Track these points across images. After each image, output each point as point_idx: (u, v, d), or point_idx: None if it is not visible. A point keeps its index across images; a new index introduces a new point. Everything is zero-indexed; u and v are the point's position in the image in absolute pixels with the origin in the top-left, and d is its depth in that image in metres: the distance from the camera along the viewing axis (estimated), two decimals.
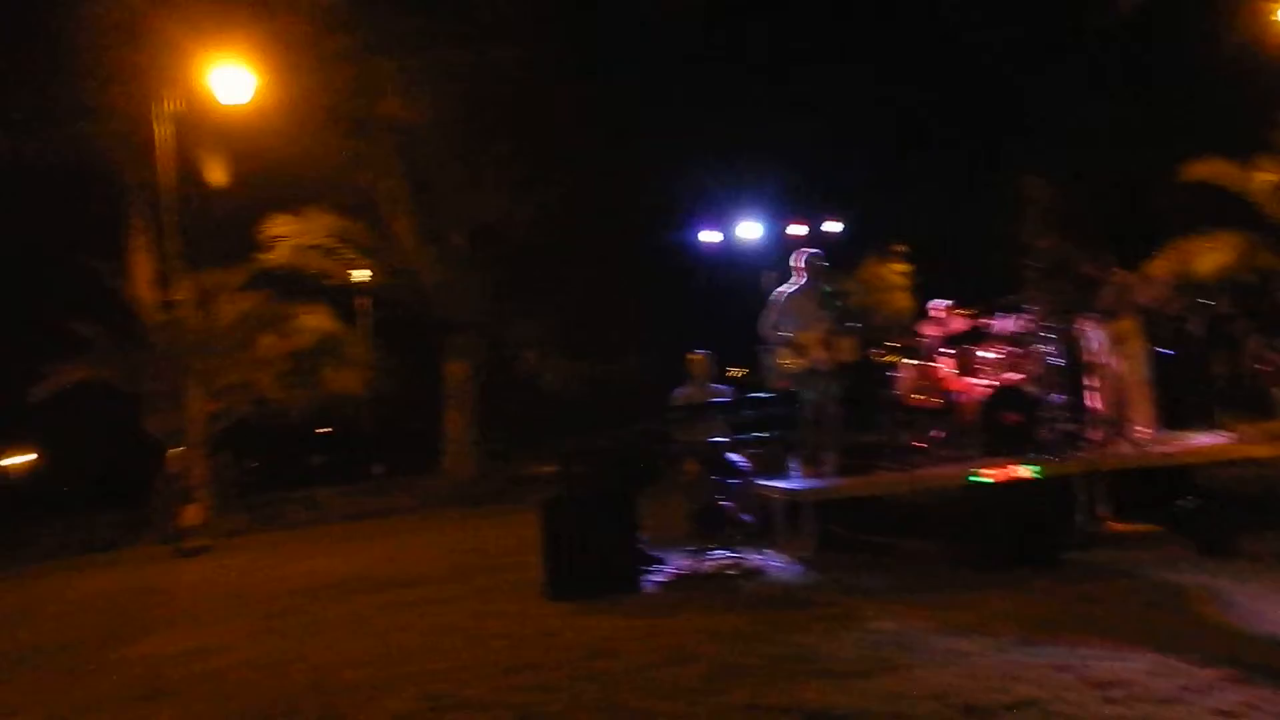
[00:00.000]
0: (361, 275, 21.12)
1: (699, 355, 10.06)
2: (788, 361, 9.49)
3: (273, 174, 18.33)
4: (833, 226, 20.16)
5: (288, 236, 19.44)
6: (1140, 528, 8.01)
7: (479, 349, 21.35)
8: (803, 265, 9.77)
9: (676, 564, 8.49)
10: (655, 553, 8.60)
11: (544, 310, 24.58)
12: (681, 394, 10.00)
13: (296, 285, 20.33)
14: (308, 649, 6.90)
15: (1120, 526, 8.15)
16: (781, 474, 9.15)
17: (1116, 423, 9.33)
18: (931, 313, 10.80)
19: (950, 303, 10.77)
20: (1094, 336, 9.50)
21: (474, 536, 13.14)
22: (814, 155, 27.04)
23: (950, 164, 27.44)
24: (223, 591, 10.54)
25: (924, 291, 24.65)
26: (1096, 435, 9.15)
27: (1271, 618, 5.11)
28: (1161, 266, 17.34)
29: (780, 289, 9.85)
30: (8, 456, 41.19)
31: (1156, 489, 8.40)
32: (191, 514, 15.62)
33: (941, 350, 10.53)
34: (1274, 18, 15.97)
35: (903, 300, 28.73)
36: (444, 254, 20.78)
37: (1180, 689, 4.35)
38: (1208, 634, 5.01)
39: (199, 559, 14.45)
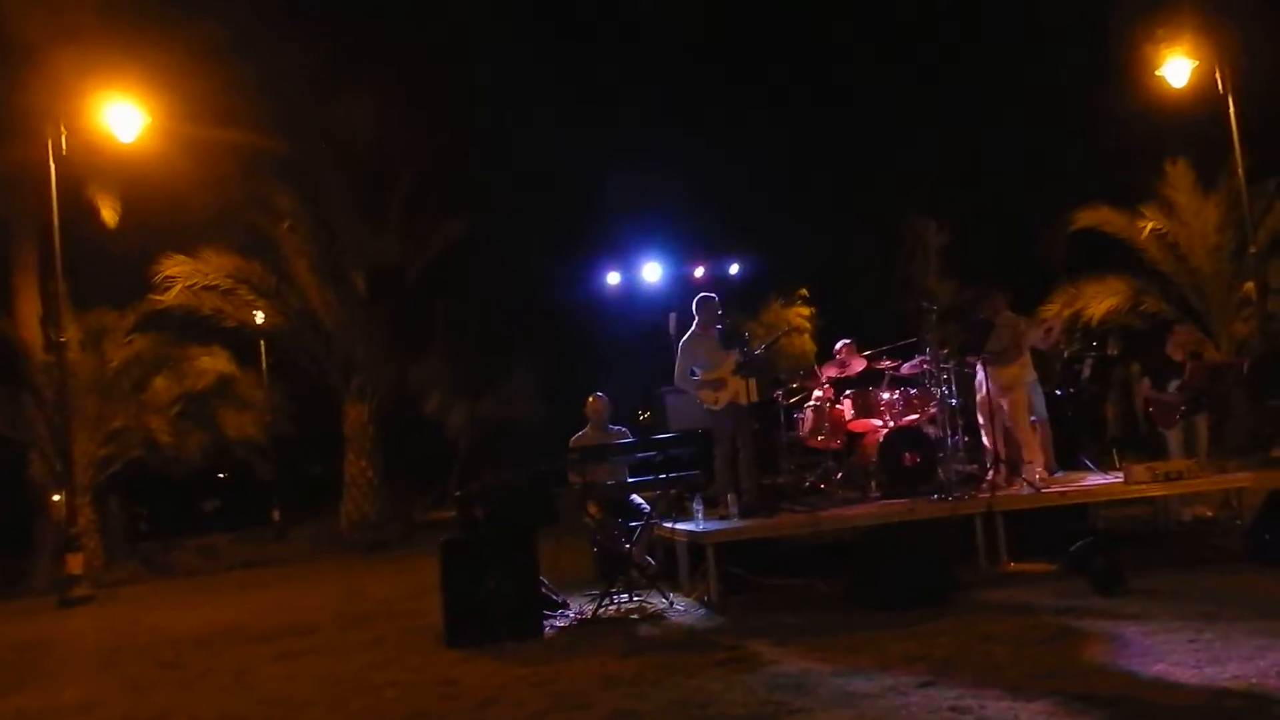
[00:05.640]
0: (258, 317, 20.68)
1: (597, 398, 10.01)
2: (708, 400, 9.46)
3: (167, 213, 17.87)
4: (733, 269, 20.16)
5: (182, 277, 18.97)
6: (1036, 567, 8.11)
7: (379, 391, 21.00)
8: (702, 308, 9.74)
9: (578, 608, 8.38)
10: (557, 596, 8.48)
11: (442, 353, 24.23)
12: (581, 436, 9.92)
13: (192, 327, 19.83)
14: (191, 702, 6.60)
15: (1017, 566, 8.26)
16: (685, 516, 9.09)
17: (1014, 463, 9.50)
18: (836, 354, 10.93)
19: (850, 342, 10.91)
20: (987, 377, 9.64)
21: (374, 582, 12.85)
22: (712, 197, 27.22)
23: (843, 205, 27.88)
24: (105, 644, 10.07)
25: (826, 335, 24.91)
26: (994, 476, 9.28)
27: (1167, 656, 5.17)
28: (1052, 310, 17.91)
29: (687, 335, 9.82)
30: None
31: (1052, 529, 8.54)
32: (74, 563, 14.95)
33: (842, 392, 10.67)
34: (1157, 73, 16.46)
35: (805, 343, 28.96)
36: (343, 295, 20.46)
37: None
38: (1105, 673, 5.05)
39: (82, 610, 13.86)
